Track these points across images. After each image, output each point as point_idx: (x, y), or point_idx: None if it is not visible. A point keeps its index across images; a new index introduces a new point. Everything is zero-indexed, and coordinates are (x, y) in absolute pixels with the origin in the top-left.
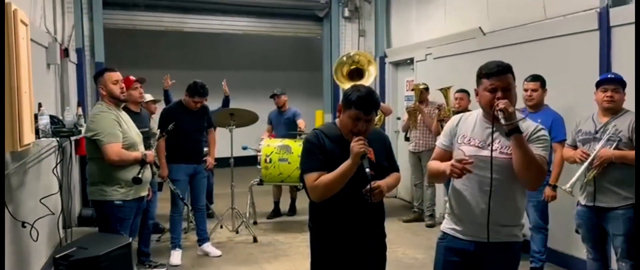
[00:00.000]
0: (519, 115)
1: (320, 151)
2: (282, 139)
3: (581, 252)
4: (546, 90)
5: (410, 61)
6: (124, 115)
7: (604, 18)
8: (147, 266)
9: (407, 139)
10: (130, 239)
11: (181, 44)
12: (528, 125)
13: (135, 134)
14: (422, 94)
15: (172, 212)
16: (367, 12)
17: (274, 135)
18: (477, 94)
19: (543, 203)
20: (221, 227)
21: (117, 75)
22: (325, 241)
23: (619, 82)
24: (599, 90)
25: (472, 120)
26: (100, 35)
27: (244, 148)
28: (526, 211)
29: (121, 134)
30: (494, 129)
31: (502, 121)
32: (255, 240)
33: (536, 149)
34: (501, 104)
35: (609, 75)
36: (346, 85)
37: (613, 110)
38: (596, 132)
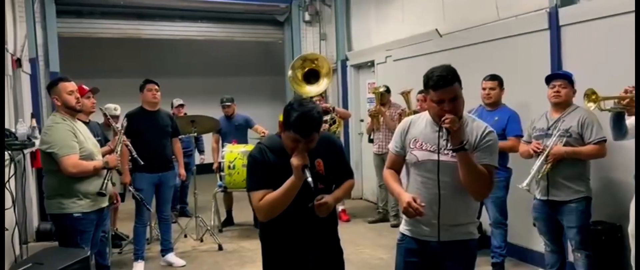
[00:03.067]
0: (467, 117)
1: (264, 167)
2: (245, 145)
3: (539, 245)
4: (503, 90)
5: (371, 64)
6: (81, 126)
7: (553, 18)
8: None
9: (371, 140)
10: (89, 252)
11: (140, 51)
12: (477, 126)
13: (92, 144)
14: (382, 96)
15: (136, 223)
16: (328, 15)
17: (235, 141)
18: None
19: (502, 199)
20: (185, 236)
21: (72, 86)
22: (276, 251)
23: (566, 78)
24: (549, 87)
25: (422, 123)
26: (55, 44)
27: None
28: (486, 207)
29: (77, 145)
30: (442, 134)
31: (449, 145)
32: (220, 248)
33: (483, 158)
34: (446, 123)
35: (558, 72)
36: (305, 89)
37: (561, 105)
38: (548, 129)
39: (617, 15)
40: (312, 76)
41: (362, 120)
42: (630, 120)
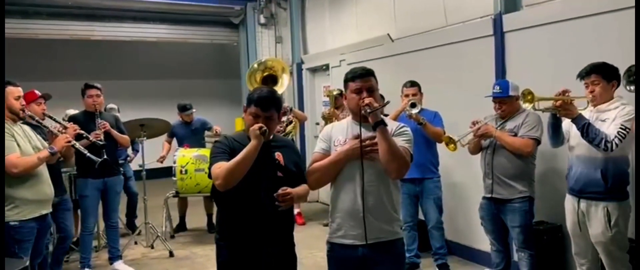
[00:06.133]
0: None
1: (229, 148)
2: (198, 149)
3: (485, 245)
4: (423, 94)
5: (326, 67)
6: (20, 130)
7: (498, 24)
8: None
9: None
10: (27, 263)
11: (90, 53)
12: (392, 123)
13: (32, 148)
14: (337, 99)
15: (82, 231)
16: (283, 18)
17: (187, 146)
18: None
19: (441, 199)
20: (135, 243)
21: (19, 91)
22: (233, 252)
23: (502, 96)
24: None
25: (344, 125)
26: None
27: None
28: (424, 212)
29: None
30: (362, 128)
31: (368, 116)
32: (171, 254)
33: (400, 141)
34: (366, 99)
35: (494, 90)
36: None
37: (507, 116)
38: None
39: (559, 22)
40: (270, 80)
41: (317, 123)
42: (565, 127)
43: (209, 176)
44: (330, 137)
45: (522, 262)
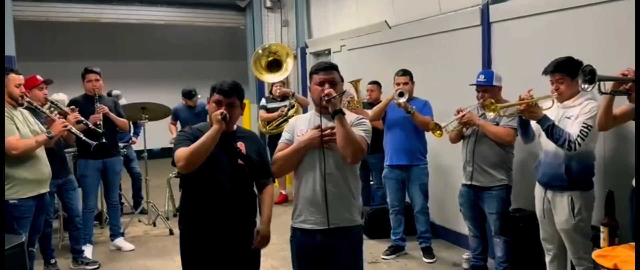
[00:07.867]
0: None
1: (192, 137)
2: None
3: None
4: (414, 83)
5: (328, 52)
6: (20, 114)
7: (485, 14)
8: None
9: None
10: (24, 238)
11: (99, 35)
12: (351, 115)
13: (30, 132)
14: None
15: (83, 208)
16: (290, 2)
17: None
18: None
19: (427, 185)
20: (139, 221)
21: (20, 79)
22: (196, 239)
23: (486, 84)
24: None
25: (307, 117)
26: (11, 27)
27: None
28: (411, 196)
29: (15, 129)
30: (324, 98)
31: (329, 107)
32: (171, 232)
33: (358, 131)
34: (326, 90)
35: (478, 79)
36: (265, 76)
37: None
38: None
39: (544, 14)
40: (275, 65)
41: None
42: (534, 124)
43: (172, 163)
44: (294, 127)
45: (497, 248)
